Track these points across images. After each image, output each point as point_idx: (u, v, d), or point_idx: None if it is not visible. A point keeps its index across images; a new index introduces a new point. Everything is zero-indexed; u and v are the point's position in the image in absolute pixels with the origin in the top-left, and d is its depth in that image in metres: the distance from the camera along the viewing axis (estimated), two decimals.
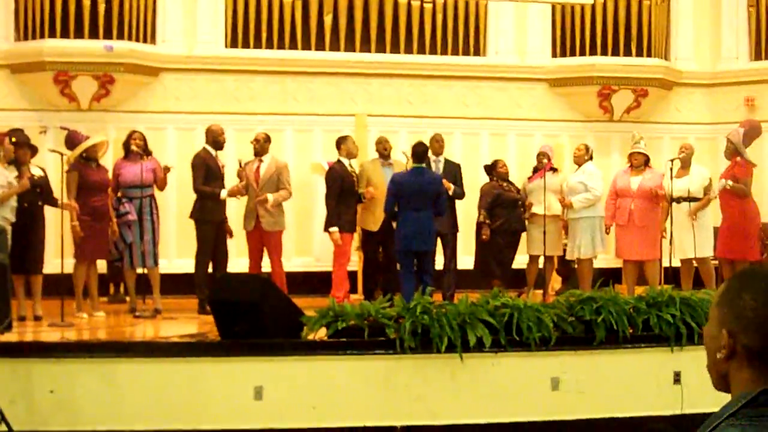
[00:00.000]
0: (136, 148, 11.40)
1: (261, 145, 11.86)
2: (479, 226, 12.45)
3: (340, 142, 12.16)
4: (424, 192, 11.00)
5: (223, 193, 11.55)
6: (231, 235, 11.90)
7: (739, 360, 2.13)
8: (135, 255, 11.31)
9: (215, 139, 11.83)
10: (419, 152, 11.26)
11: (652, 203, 11.81)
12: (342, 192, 11.79)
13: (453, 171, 12.27)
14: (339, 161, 12.05)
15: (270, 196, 11.59)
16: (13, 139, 10.79)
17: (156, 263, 11.49)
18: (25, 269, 10.60)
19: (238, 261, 12.30)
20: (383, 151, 12.17)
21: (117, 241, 11.27)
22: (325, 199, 11.95)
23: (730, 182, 11.29)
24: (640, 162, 11.98)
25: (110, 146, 11.84)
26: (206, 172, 11.61)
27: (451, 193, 11.95)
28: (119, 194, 11.38)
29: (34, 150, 10.97)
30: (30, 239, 10.56)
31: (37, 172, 10.86)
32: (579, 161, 12.32)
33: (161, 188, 11.71)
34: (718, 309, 2.18)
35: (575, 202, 12.00)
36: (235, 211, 12.15)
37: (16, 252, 10.09)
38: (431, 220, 11.04)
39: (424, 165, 11.31)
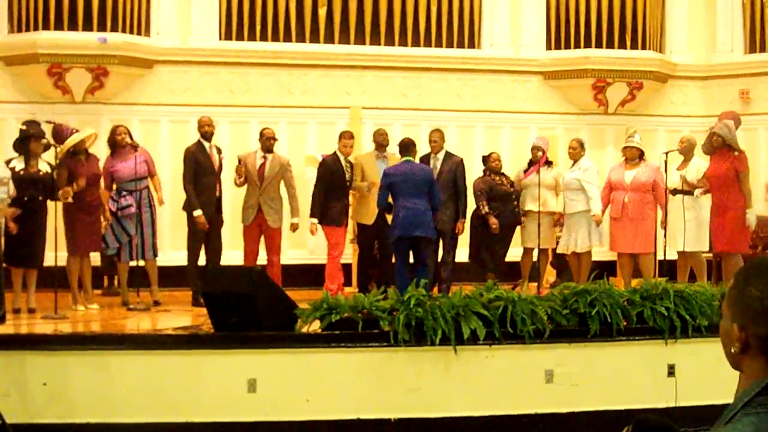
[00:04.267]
0: (128, 141, 11.37)
1: (272, 142, 11.88)
2: (483, 218, 12.29)
3: (340, 137, 12.19)
4: (415, 180, 11.03)
5: (197, 213, 11.52)
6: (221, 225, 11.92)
7: (752, 351, 2.20)
8: (134, 248, 11.31)
9: (201, 131, 11.84)
10: (404, 145, 11.33)
11: (646, 197, 11.81)
12: (332, 185, 11.81)
13: (453, 166, 12.03)
14: (334, 154, 12.07)
15: (296, 220, 11.91)
16: (24, 128, 10.77)
17: (155, 255, 11.53)
18: (24, 262, 10.59)
19: (232, 254, 12.30)
20: (382, 141, 12.17)
21: (118, 233, 11.24)
22: (313, 189, 12.02)
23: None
24: (633, 156, 11.98)
25: (99, 137, 11.76)
26: (195, 166, 11.62)
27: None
28: (115, 187, 11.35)
29: (47, 147, 10.85)
30: (29, 233, 10.52)
31: (43, 167, 10.81)
32: (575, 157, 12.28)
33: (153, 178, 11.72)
34: (728, 305, 2.26)
35: (597, 213, 11.95)
36: (231, 204, 12.12)
37: (16, 245, 10.13)
38: (427, 210, 11.03)
39: (411, 158, 11.29)
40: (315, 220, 11.84)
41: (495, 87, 14.51)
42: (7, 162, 10.63)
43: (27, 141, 10.70)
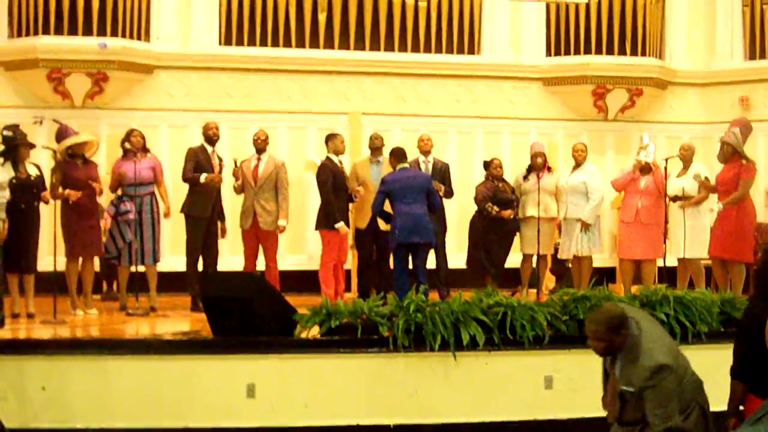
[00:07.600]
0: (129, 146, 11.35)
1: (263, 143, 11.85)
2: (483, 223, 12.27)
3: (329, 139, 12.10)
4: (413, 187, 10.96)
5: (202, 178, 11.50)
6: (224, 235, 11.88)
7: None
8: (133, 253, 11.25)
9: (205, 134, 11.81)
10: (399, 153, 11.25)
11: (660, 201, 11.75)
12: (335, 187, 11.75)
13: (441, 171, 12.24)
14: (328, 158, 11.99)
15: (283, 222, 11.69)
16: (10, 134, 10.69)
17: (155, 261, 11.44)
18: (19, 268, 10.55)
19: (231, 259, 12.29)
20: (376, 145, 12.15)
21: (116, 238, 11.20)
22: (323, 197, 11.85)
23: (720, 205, 11.24)
24: (646, 171, 11.87)
25: (102, 145, 11.75)
26: (195, 164, 11.61)
27: (441, 193, 11.93)
28: (119, 192, 11.31)
29: (31, 146, 10.85)
30: (25, 239, 10.47)
31: (33, 171, 10.76)
32: (581, 160, 12.23)
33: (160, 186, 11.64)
34: None
35: (590, 219, 11.98)
36: (230, 209, 12.11)
37: (12, 251, 10.08)
38: (426, 215, 10.97)
39: (407, 165, 11.24)
40: (341, 224, 11.66)
41: (494, 93, 14.51)
42: None
43: (15, 147, 10.61)
